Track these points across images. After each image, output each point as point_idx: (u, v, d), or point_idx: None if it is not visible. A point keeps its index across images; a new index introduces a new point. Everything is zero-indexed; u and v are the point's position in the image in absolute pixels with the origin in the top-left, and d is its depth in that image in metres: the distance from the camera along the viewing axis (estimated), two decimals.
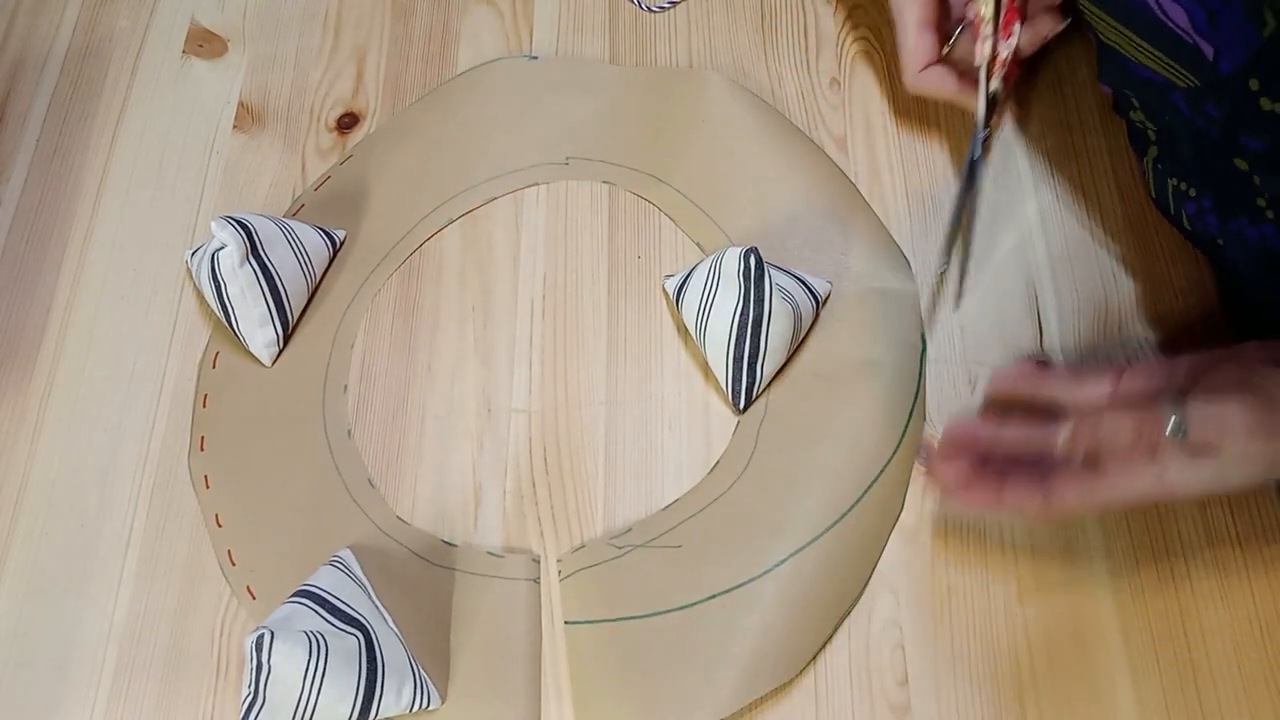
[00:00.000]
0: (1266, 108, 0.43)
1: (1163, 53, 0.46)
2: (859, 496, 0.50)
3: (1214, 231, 0.50)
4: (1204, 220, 0.50)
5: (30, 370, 0.59)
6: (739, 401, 0.54)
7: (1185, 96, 0.47)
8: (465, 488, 0.54)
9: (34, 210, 0.65)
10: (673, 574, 0.50)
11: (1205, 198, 0.50)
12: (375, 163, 0.64)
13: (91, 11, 0.72)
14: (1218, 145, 0.47)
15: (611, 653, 0.48)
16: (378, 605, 0.49)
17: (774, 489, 0.51)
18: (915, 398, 0.53)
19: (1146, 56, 0.47)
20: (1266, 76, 0.43)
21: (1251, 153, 0.46)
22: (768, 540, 0.50)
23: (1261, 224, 0.47)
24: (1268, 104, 0.43)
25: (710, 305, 0.53)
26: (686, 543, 0.51)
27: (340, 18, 0.70)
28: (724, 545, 0.50)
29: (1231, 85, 0.44)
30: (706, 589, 0.49)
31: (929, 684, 0.48)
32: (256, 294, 0.56)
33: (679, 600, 0.49)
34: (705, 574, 0.49)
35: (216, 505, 0.55)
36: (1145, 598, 0.49)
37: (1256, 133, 0.45)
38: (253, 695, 0.44)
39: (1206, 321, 0.55)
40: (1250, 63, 0.43)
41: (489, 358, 0.57)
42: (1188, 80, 0.46)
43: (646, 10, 0.68)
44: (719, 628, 0.48)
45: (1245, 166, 0.46)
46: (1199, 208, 0.50)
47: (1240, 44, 0.43)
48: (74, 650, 0.52)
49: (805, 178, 0.59)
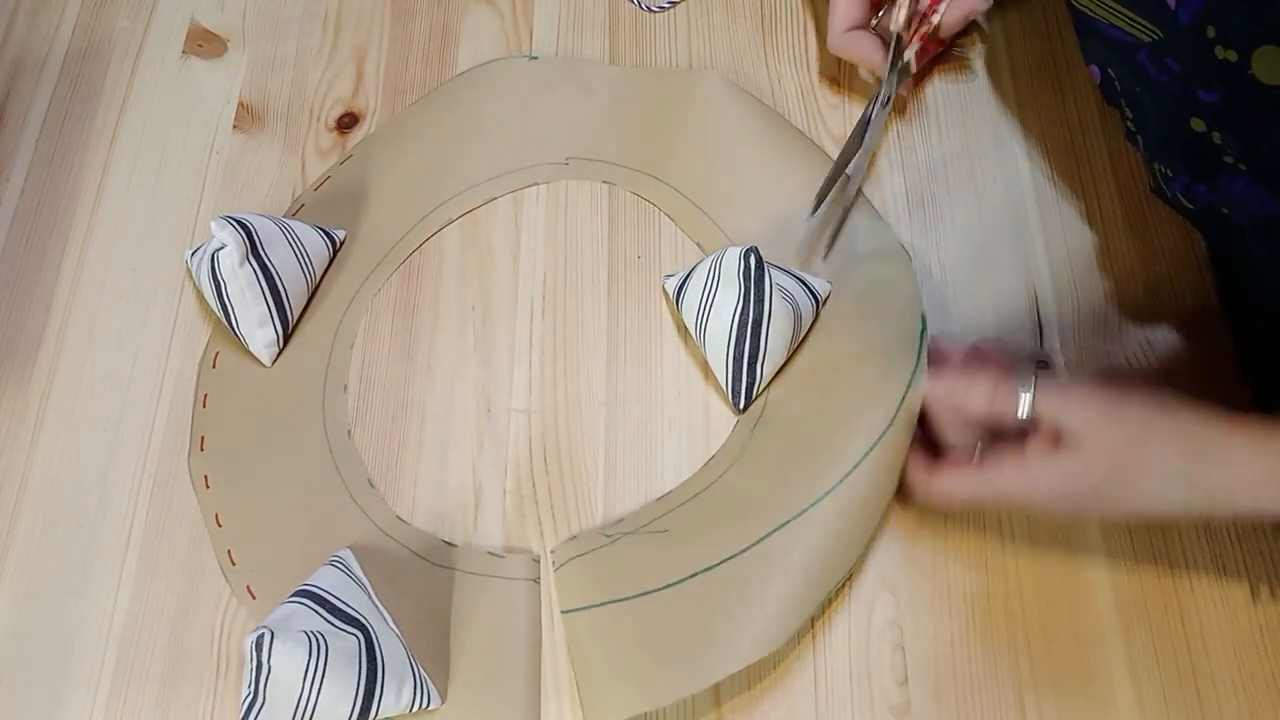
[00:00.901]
0: (1220, 56, 0.44)
1: (1127, 8, 0.47)
2: (849, 470, 0.50)
3: (1211, 198, 0.50)
4: (1196, 192, 0.50)
5: (30, 370, 0.59)
6: (739, 401, 0.54)
7: (1150, 53, 0.48)
8: (465, 488, 0.54)
9: (34, 210, 0.65)
10: (661, 555, 0.50)
11: (1183, 174, 0.50)
12: (375, 163, 0.64)
13: (91, 12, 0.72)
14: (1178, 102, 0.47)
15: (607, 634, 0.49)
16: (378, 605, 0.49)
17: (764, 473, 0.52)
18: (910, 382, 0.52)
19: (1114, 14, 0.48)
20: (1220, 22, 0.43)
21: (1207, 107, 0.46)
22: (754, 518, 0.50)
23: (1237, 178, 0.48)
24: (1221, 52, 0.44)
25: (710, 305, 0.53)
26: (674, 527, 0.51)
27: (340, 18, 0.70)
28: (710, 528, 0.51)
29: (1190, 34, 0.45)
30: (692, 566, 0.49)
31: (929, 684, 0.48)
32: (256, 294, 0.56)
33: (667, 579, 0.49)
34: (692, 552, 0.50)
35: (216, 505, 0.55)
36: (1145, 598, 0.49)
37: (1212, 84, 0.45)
38: (252, 695, 0.44)
39: (1206, 321, 0.55)
40: (1206, 10, 0.44)
41: (489, 358, 0.57)
42: (1151, 34, 0.47)
43: (646, 10, 0.68)
44: (705, 603, 0.48)
45: (1203, 127, 0.47)
46: (1184, 183, 0.50)
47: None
48: (74, 650, 0.52)
49: (805, 177, 0.59)
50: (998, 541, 0.50)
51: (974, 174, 0.60)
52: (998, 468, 0.46)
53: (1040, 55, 0.63)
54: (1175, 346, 0.54)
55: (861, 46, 0.59)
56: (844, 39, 0.59)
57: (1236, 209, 0.49)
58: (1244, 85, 0.44)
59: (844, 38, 0.59)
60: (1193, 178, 0.50)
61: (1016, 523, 0.51)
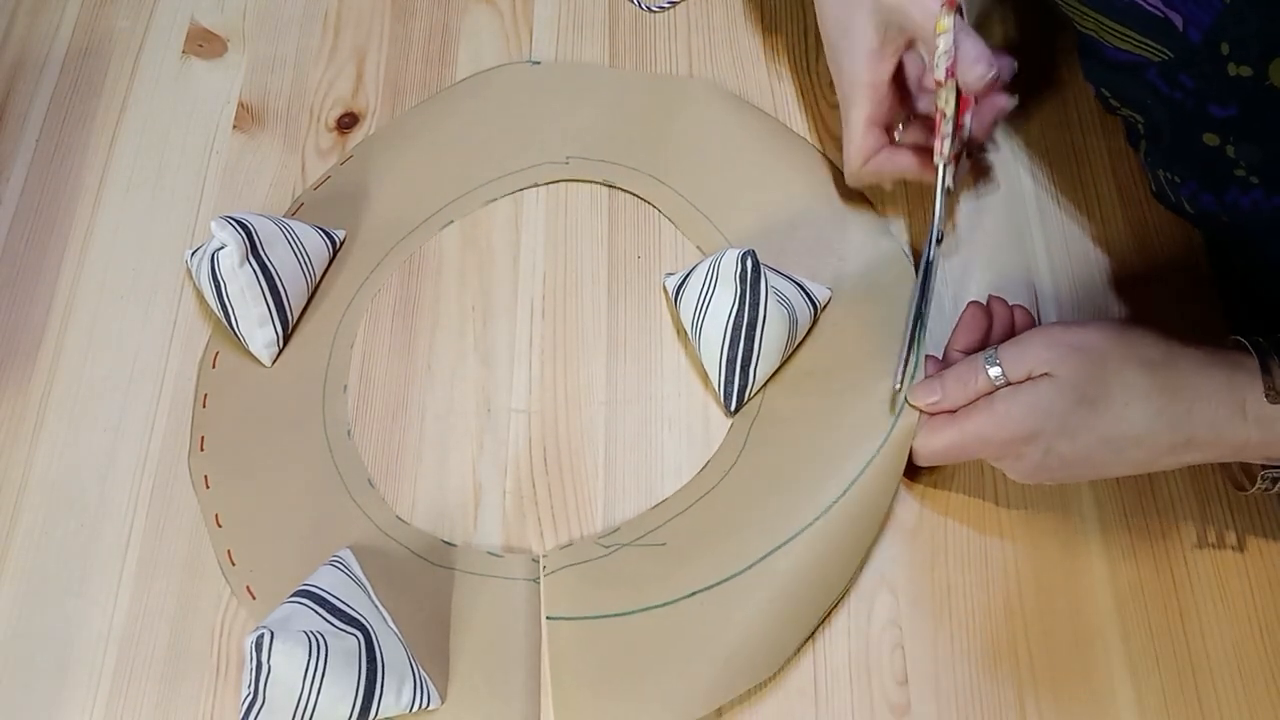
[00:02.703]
0: (1233, 73, 0.44)
1: (1135, 31, 0.47)
2: (842, 491, 0.50)
3: (1214, 209, 0.50)
4: (1201, 200, 0.50)
5: (30, 370, 0.59)
6: (730, 403, 0.54)
7: (1160, 72, 0.48)
8: (465, 488, 0.54)
9: (34, 210, 0.65)
10: (655, 572, 0.50)
11: (1191, 180, 0.50)
12: (375, 163, 0.64)
13: (91, 11, 0.72)
14: (1191, 118, 0.48)
15: (592, 649, 0.48)
16: (377, 605, 0.49)
17: (759, 485, 0.52)
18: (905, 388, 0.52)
19: (1121, 39, 0.48)
20: (1235, 40, 0.44)
21: (1220, 122, 0.46)
22: (751, 536, 0.50)
23: (1250, 191, 0.48)
24: (1234, 69, 0.44)
25: (706, 306, 0.53)
26: (671, 540, 0.51)
27: (340, 18, 0.70)
28: (708, 542, 0.50)
29: (1203, 52, 0.45)
30: (687, 586, 0.49)
31: (929, 684, 0.48)
32: (256, 294, 0.56)
33: (660, 598, 0.49)
34: (687, 571, 0.50)
35: (216, 505, 0.55)
36: (1145, 598, 0.49)
37: (1226, 100, 0.46)
38: (252, 695, 0.44)
39: (1206, 321, 0.55)
40: (1218, 26, 0.44)
41: (489, 358, 0.57)
42: (1161, 54, 0.47)
43: (646, 10, 0.68)
44: (699, 625, 0.48)
45: (1215, 141, 0.47)
46: (1192, 190, 0.50)
47: (1205, 10, 0.44)
48: (74, 650, 0.52)
49: (805, 180, 0.59)
50: (998, 541, 0.50)
51: (974, 174, 0.60)
52: (969, 413, 0.47)
53: (1040, 57, 0.63)
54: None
55: (884, 169, 0.56)
56: (862, 173, 0.56)
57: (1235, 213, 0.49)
58: (1262, 96, 0.44)
59: (861, 172, 0.56)
60: (1200, 185, 0.50)
61: (1017, 523, 0.51)
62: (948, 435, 0.48)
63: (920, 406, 0.50)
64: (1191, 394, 0.43)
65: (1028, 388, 0.45)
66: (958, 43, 0.49)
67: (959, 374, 0.48)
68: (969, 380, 0.47)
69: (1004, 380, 0.46)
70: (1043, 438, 0.45)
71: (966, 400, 0.48)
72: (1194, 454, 0.44)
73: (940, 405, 0.49)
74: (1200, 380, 0.43)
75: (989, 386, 0.47)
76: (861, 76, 0.53)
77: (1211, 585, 0.49)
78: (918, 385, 0.50)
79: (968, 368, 0.48)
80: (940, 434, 0.48)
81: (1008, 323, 0.51)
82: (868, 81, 0.53)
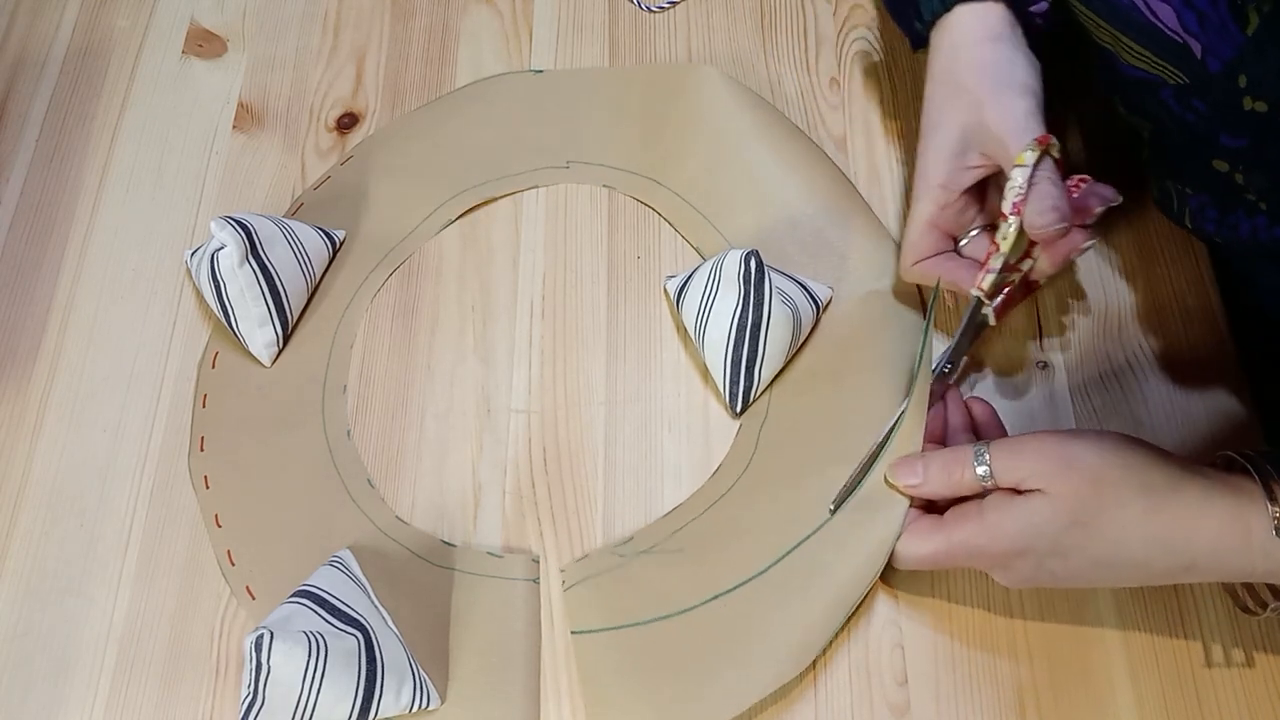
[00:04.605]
0: (1248, 107, 0.44)
1: (1152, 52, 0.46)
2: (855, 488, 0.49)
3: (1211, 229, 0.50)
4: (1203, 217, 0.50)
5: (30, 370, 0.59)
6: (736, 405, 0.54)
7: (1174, 93, 0.47)
8: (465, 488, 0.54)
9: (34, 210, 0.65)
10: (675, 578, 0.50)
11: (1201, 194, 0.50)
12: (375, 163, 0.64)
13: (91, 11, 0.72)
14: (1201, 141, 0.47)
15: (619, 659, 0.48)
16: (377, 605, 0.49)
17: (773, 487, 0.51)
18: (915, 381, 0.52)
19: (1137, 57, 0.47)
20: (1253, 75, 0.43)
21: (1231, 151, 0.46)
22: (768, 537, 0.50)
23: (1255, 217, 0.48)
24: (1249, 103, 0.44)
25: (709, 307, 0.53)
26: (688, 546, 0.51)
27: (340, 18, 0.70)
28: (725, 546, 0.50)
29: (1220, 83, 0.45)
30: (708, 590, 0.49)
31: (929, 684, 0.48)
32: (256, 294, 0.56)
33: (682, 603, 0.49)
34: (707, 575, 0.49)
35: (216, 505, 0.55)
36: (1145, 598, 0.49)
37: (1238, 131, 0.45)
38: (252, 695, 0.44)
39: (1206, 321, 0.55)
40: (1238, 59, 0.44)
41: (489, 358, 0.57)
42: (1177, 78, 0.46)
43: (646, 10, 0.68)
44: (724, 628, 0.48)
45: (1225, 168, 0.47)
46: (1199, 204, 0.50)
47: (1226, 42, 0.44)
48: (74, 650, 0.52)
49: (805, 178, 0.59)
50: None
51: None
52: (958, 521, 0.45)
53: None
54: (1175, 347, 0.54)
55: (934, 274, 0.53)
56: (912, 271, 0.54)
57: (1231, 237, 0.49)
58: (1276, 132, 0.43)
59: (912, 270, 0.54)
60: (1207, 202, 0.50)
61: None
62: (934, 542, 0.45)
63: (898, 486, 0.47)
64: (1192, 522, 0.41)
65: (1020, 502, 0.43)
66: (1034, 182, 0.47)
67: (945, 462, 0.46)
68: (954, 471, 0.45)
69: (992, 483, 0.44)
70: (1033, 555, 0.43)
71: (948, 492, 0.46)
72: (1195, 577, 0.43)
73: (919, 490, 0.47)
74: (1203, 507, 0.41)
75: (975, 486, 0.45)
76: (934, 177, 0.51)
77: (1211, 586, 0.49)
78: (898, 462, 0.48)
79: (954, 458, 0.45)
80: (927, 541, 0.46)
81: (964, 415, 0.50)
82: (939, 184, 0.51)
